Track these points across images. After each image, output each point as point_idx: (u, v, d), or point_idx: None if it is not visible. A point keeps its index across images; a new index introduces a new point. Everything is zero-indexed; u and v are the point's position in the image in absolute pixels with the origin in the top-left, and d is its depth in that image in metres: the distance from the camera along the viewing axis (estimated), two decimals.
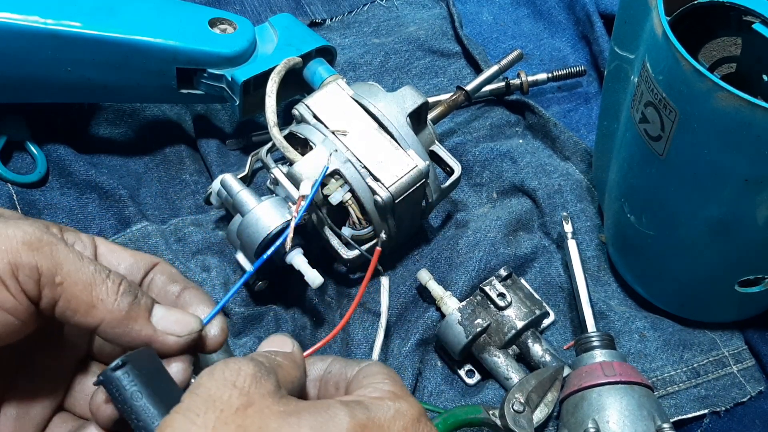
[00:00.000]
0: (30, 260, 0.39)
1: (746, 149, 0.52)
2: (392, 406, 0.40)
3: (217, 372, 0.39)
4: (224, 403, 0.37)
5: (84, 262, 0.41)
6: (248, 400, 0.38)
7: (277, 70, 0.70)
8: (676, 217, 0.61)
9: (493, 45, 0.93)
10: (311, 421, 0.38)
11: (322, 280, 0.62)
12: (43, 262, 0.40)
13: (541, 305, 0.68)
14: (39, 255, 0.40)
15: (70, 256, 0.41)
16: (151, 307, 0.44)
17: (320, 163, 0.64)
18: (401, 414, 0.40)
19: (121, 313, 0.42)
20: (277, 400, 0.38)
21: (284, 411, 0.38)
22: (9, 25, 0.66)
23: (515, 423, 0.59)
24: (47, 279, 0.40)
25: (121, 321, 0.42)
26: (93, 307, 0.41)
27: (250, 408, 0.37)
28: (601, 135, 0.73)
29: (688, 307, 0.70)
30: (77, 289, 0.41)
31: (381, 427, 0.39)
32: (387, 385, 0.42)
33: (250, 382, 0.38)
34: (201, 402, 0.37)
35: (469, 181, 0.80)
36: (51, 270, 0.40)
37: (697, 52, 0.65)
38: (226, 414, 0.37)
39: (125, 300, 0.42)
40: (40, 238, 0.40)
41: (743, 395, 0.67)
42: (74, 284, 0.41)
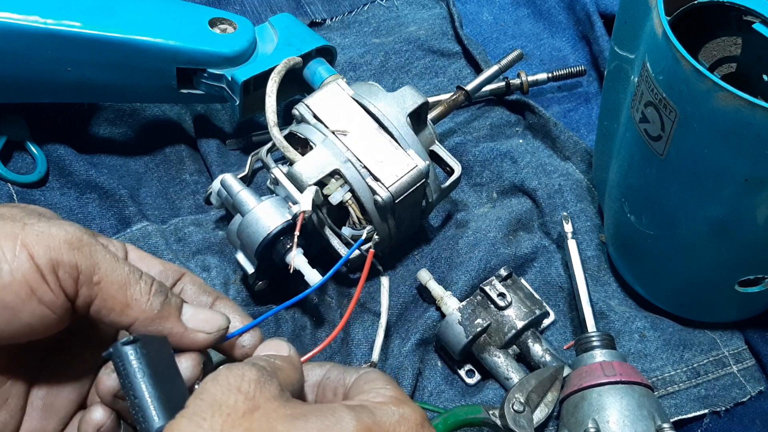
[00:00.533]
0: (71, 258, 0.41)
1: (746, 149, 0.52)
2: (396, 411, 0.40)
3: (221, 377, 0.39)
4: (230, 408, 0.38)
5: (120, 263, 0.43)
6: (254, 404, 0.38)
7: (277, 70, 0.70)
8: (676, 217, 0.61)
9: (493, 45, 0.93)
10: (318, 424, 0.38)
11: None
12: (83, 261, 0.42)
13: (541, 305, 0.68)
14: (79, 254, 0.41)
15: (108, 257, 0.43)
16: (180, 306, 0.46)
17: (320, 163, 0.64)
18: (405, 419, 0.40)
19: (154, 312, 0.44)
20: (282, 404, 0.39)
21: (291, 414, 0.38)
22: (9, 25, 0.66)
23: (515, 423, 0.59)
24: (85, 277, 0.42)
25: (153, 320, 0.44)
26: (127, 306, 0.43)
27: (257, 412, 0.38)
28: (601, 135, 0.73)
29: (688, 307, 0.70)
30: (113, 289, 0.43)
31: (385, 431, 0.39)
32: (389, 390, 0.43)
33: (254, 387, 0.39)
34: (207, 406, 0.38)
35: (469, 181, 0.80)
36: (89, 269, 0.42)
37: (697, 52, 0.65)
38: (233, 418, 0.37)
39: (157, 300, 0.44)
40: (80, 238, 0.42)
41: (743, 395, 0.67)
42: (110, 284, 0.43)
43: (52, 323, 0.42)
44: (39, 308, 0.41)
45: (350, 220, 0.67)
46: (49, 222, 0.42)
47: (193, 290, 0.50)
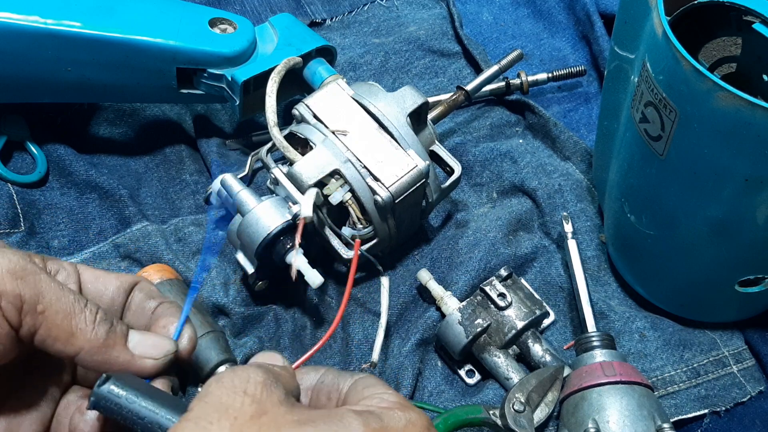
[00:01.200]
0: (13, 288, 0.41)
1: (746, 149, 0.52)
2: (403, 416, 0.40)
3: (225, 379, 0.39)
4: (237, 411, 0.37)
5: (65, 292, 0.43)
6: (261, 408, 0.37)
7: (277, 70, 0.70)
8: (676, 217, 0.61)
9: (493, 45, 0.93)
10: (326, 429, 0.37)
11: (322, 280, 0.62)
12: (26, 290, 0.41)
13: (541, 305, 0.68)
14: (22, 283, 0.41)
15: (52, 286, 0.42)
16: (126, 333, 0.46)
17: (320, 163, 0.64)
18: (412, 424, 0.40)
19: (99, 341, 0.44)
20: (289, 409, 0.38)
21: (298, 420, 0.37)
22: (9, 25, 0.66)
23: (516, 423, 0.59)
24: (29, 307, 0.41)
25: (99, 348, 0.44)
26: (72, 335, 0.43)
27: (265, 416, 0.37)
28: (601, 135, 0.73)
29: (688, 307, 0.70)
30: (58, 318, 0.42)
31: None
32: (392, 396, 0.42)
33: (261, 390, 0.38)
34: (212, 409, 0.37)
35: (469, 181, 0.80)
36: (33, 298, 0.41)
37: (697, 52, 0.65)
38: (240, 422, 0.36)
39: (102, 328, 0.44)
40: (24, 267, 0.42)
41: (743, 395, 0.67)
42: (55, 313, 0.42)
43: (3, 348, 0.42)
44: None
45: (350, 220, 0.67)
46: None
47: (140, 297, 0.50)
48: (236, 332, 0.68)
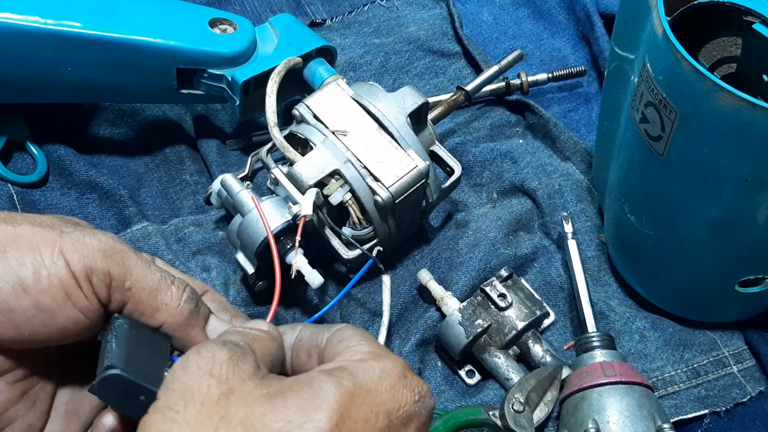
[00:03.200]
0: (104, 266, 0.43)
1: (746, 149, 0.52)
2: (377, 367, 0.39)
3: (191, 362, 0.38)
4: (204, 395, 0.36)
5: (151, 270, 0.45)
6: (228, 387, 0.37)
7: (277, 70, 0.70)
8: (676, 217, 0.61)
9: (494, 45, 0.93)
10: (297, 399, 0.37)
11: (322, 280, 0.62)
12: (116, 268, 0.43)
13: (541, 306, 0.68)
14: (112, 261, 0.43)
15: (139, 264, 0.44)
16: (208, 317, 0.47)
17: (320, 163, 0.64)
18: (387, 373, 0.39)
19: (183, 317, 0.45)
20: (258, 383, 0.38)
21: (267, 393, 0.37)
22: (9, 25, 0.66)
23: (516, 423, 0.59)
24: (118, 283, 0.43)
25: (180, 325, 0.45)
26: (157, 310, 0.45)
27: (232, 396, 0.37)
28: (602, 135, 0.73)
29: (688, 307, 0.70)
30: (144, 294, 0.44)
31: (369, 392, 0.38)
32: (365, 345, 0.42)
33: (227, 368, 0.38)
34: (178, 397, 0.37)
35: (469, 181, 0.80)
36: (122, 275, 0.43)
37: (697, 52, 0.65)
38: (208, 406, 0.36)
39: (187, 306, 0.46)
40: (113, 246, 0.44)
41: (743, 395, 0.67)
42: (142, 289, 0.44)
43: (86, 327, 0.44)
44: (74, 312, 0.42)
45: (350, 220, 0.67)
46: (84, 231, 0.44)
47: (213, 307, 0.51)
48: None
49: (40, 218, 0.44)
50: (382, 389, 0.39)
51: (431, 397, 0.41)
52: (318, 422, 0.36)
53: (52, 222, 0.44)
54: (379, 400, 0.38)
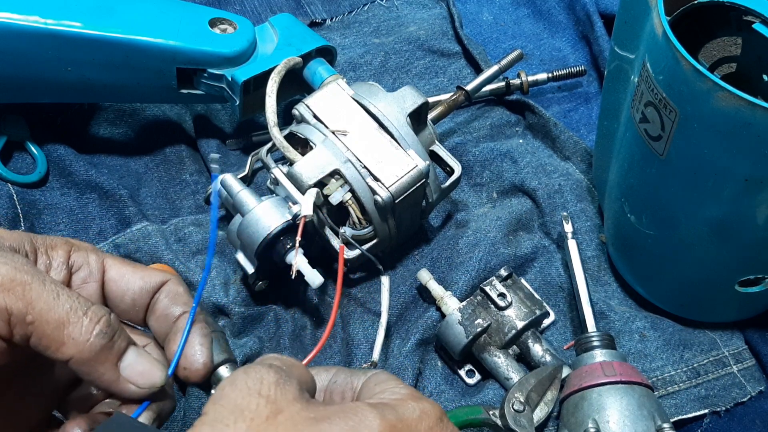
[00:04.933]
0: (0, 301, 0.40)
1: (746, 149, 0.52)
2: (417, 407, 0.40)
3: (239, 381, 0.38)
4: (253, 412, 0.37)
5: (59, 300, 0.42)
6: (276, 407, 0.37)
7: (277, 70, 0.70)
8: (676, 217, 0.61)
9: (493, 45, 0.93)
10: (342, 425, 0.37)
11: (322, 280, 0.62)
12: (14, 302, 0.41)
13: (541, 305, 0.68)
14: (9, 296, 0.41)
15: (44, 296, 0.42)
16: (123, 351, 0.45)
17: (320, 163, 0.64)
18: (426, 414, 0.40)
19: (91, 354, 0.43)
20: (305, 406, 0.38)
21: (314, 417, 0.38)
22: (9, 25, 0.66)
23: (516, 422, 0.59)
24: (18, 318, 0.41)
25: (88, 361, 0.43)
26: (63, 344, 0.42)
27: (280, 415, 0.37)
28: (601, 135, 0.73)
29: (688, 307, 0.70)
30: (49, 328, 0.42)
31: (410, 427, 0.39)
32: (404, 388, 0.42)
33: (275, 390, 0.38)
34: (228, 412, 0.37)
35: (469, 181, 0.80)
36: (21, 310, 0.41)
37: (697, 52, 0.65)
38: (257, 423, 0.36)
39: (98, 341, 0.43)
40: (12, 278, 0.41)
41: (743, 395, 0.67)
42: (46, 323, 0.41)
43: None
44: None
45: (350, 220, 0.67)
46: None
47: (164, 303, 0.49)
48: (236, 332, 0.68)
49: None
50: (422, 428, 0.40)
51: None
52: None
53: None
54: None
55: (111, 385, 0.44)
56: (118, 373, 0.44)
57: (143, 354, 0.46)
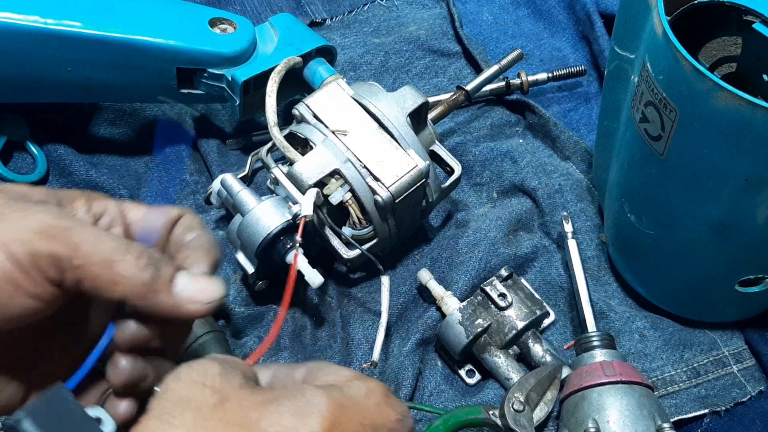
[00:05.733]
0: (46, 248, 0.41)
1: (746, 149, 0.52)
2: (362, 386, 0.41)
3: (183, 374, 0.39)
4: (199, 402, 0.37)
5: (102, 240, 0.42)
6: (222, 395, 0.38)
7: (277, 69, 0.70)
8: (677, 216, 0.61)
9: (494, 45, 0.93)
10: (291, 406, 0.38)
11: (322, 280, 0.62)
12: (60, 248, 0.41)
13: (541, 305, 0.68)
14: (54, 242, 0.41)
15: (87, 238, 0.42)
16: (172, 277, 0.45)
17: (320, 162, 0.64)
18: (372, 391, 0.41)
19: (144, 286, 0.43)
20: (251, 392, 0.39)
21: (262, 400, 0.38)
22: (9, 25, 0.66)
23: (516, 422, 0.59)
24: (66, 263, 0.41)
25: (144, 294, 0.43)
26: (115, 284, 0.42)
27: (227, 402, 0.37)
28: (602, 135, 0.73)
29: (688, 307, 0.70)
30: (97, 268, 0.42)
31: (357, 405, 0.39)
32: (347, 371, 0.43)
33: (219, 380, 0.38)
34: (173, 405, 0.37)
35: (469, 180, 0.80)
36: (68, 254, 0.41)
37: (697, 51, 0.65)
38: (204, 412, 0.37)
39: (146, 273, 0.43)
40: (53, 224, 0.41)
41: (743, 395, 0.67)
42: (93, 264, 0.42)
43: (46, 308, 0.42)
44: (28, 301, 0.41)
45: (350, 220, 0.67)
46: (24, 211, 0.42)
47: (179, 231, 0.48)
48: (236, 332, 0.68)
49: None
50: (370, 405, 0.40)
51: (411, 418, 0.43)
52: (311, 427, 0.37)
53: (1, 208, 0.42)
54: (367, 414, 0.40)
55: (174, 311, 0.44)
56: (176, 299, 0.44)
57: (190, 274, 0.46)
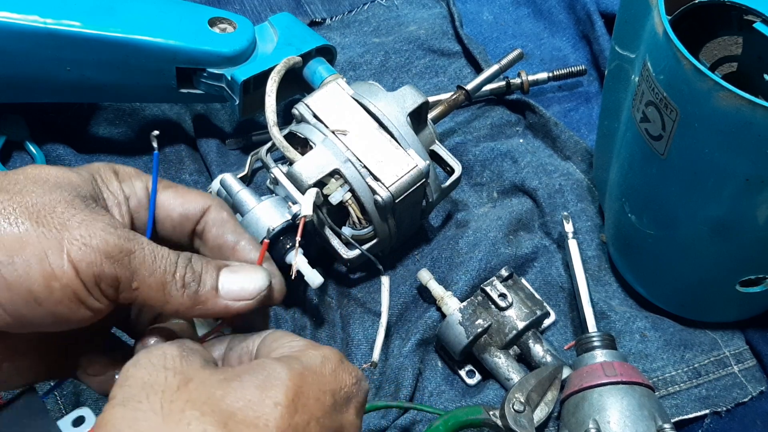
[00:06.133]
0: (111, 271, 0.42)
1: (747, 149, 0.52)
2: (318, 354, 0.42)
3: (142, 360, 0.40)
4: (163, 385, 0.38)
5: (156, 264, 0.44)
6: (185, 377, 0.38)
7: (277, 69, 0.70)
8: (677, 216, 0.61)
9: (494, 44, 0.93)
10: (253, 380, 0.39)
11: (322, 280, 0.62)
12: (122, 272, 0.43)
13: (542, 305, 0.68)
14: (118, 265, 0.43)
15: (146, 262, 0.44)
16: (216, 282, 0.46)
17: (320, 162, 0.64)
18: (327, 359, 0.42)
19: (190, 302, 0.45)
20: (213, 371, 0.40)
21: (224, 378, 0.39)
22: (9, 25, 0.66)
23: (516, 423, 0.59)
24: (125, 285, 0.43)
25: (192, 308, 0.46)
26: (166, 303, 0.45)
27: (191, 383, 0.38)
28: (602, 134, 0.73)
29: (689, 307, 0.70)
30: (151, 291, 0.44)
31: (316, 373, 0.41)
32: (301, 341, 0.44)
33: (180, 361, 0.39)
34: (137, 390, 0.38)
35: (469, 180, 0.79)
36: (128, 277, 0.43)
37: (697, 51, 0.65)
38: (169, 394, 0.37)
39: (191, 290, 0.45)
40: (120, 247, 0.43)
41: (744, 395, 0.67)
42: (149, 287, 0.44)
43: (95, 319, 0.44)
44: (86, 313, 0.43)
45: (350, 220, 0.66)
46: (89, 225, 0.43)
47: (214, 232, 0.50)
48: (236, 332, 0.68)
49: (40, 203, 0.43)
50: (326, 372, 0.42)
51: (366, 380, 0.45)
52: (276, 398, 0.38)
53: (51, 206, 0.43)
54: (325, 381, 0.41)
55: (224, 313, 0.46)
56: (224, 301, 0.46)
57: (232, 270, 0.47)
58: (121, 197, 0.48)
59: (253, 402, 0.38)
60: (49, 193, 0.43)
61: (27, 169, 0.45)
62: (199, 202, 0.50)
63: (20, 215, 0.42)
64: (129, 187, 0.49)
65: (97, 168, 0.49)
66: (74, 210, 0.43)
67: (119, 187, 0.48)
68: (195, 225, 0.50)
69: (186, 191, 0.50)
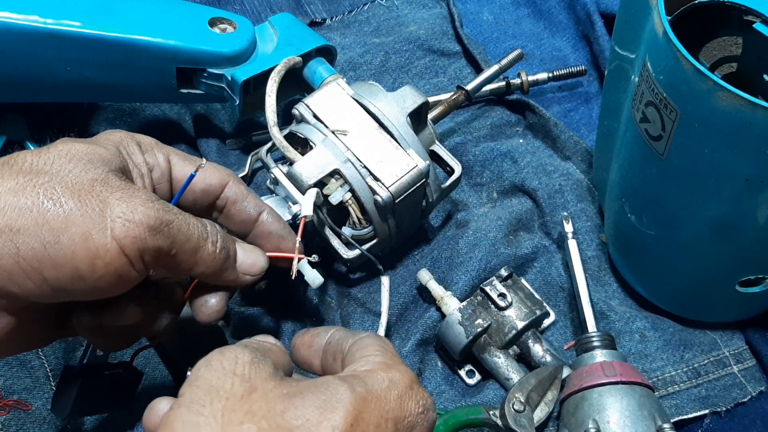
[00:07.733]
0: (154, 243, 0.45)
1: (747, 149, 0.52)
2: (386, 377, 0.42)
3: (214, 362, 0.40)
4: (228, 392, 0.38)
5: (191, 230, 0.48)
6: (251, 386, 0.39)
7: (277, 69, 0.70)
8: (677, 216, 0.61)
9: (494, 44, 0.93)
10: (314, 399, 0.39)
11: (322, 280, 0.62)
12: (164, 241, 0.46)
13: (541, 305, 0.68)
14: (161, 236, 0.46)
15: (183, 229, 0.47)
16: (236, 255, 0.53)
17: (320, 162, 0.64)
18: (395, 383, 0.42)
19: (217, 267, 0.51)
20: (279, 383, 0.40)
21: (288, 393, 0.39)
22: (9, 25, 0.66)
23: (516, 422, 0.59)
24: (165, 254, 0.47)
25: (215, 273, 0.51)
26: (195, 265, 0.49)
27: (255, 393, 0.38)
28: (602, 135, 0.73)
29: (688, 307, 0.70)
30: (186, 255, 0.48)
31: (379, 398, 0.40)
32: (378, 356, 0.44)
33: (249, 368, 0.40)
34: (203, 393, 0.38)
35: (469, 180, 0.79)
36: (168, 246, 0.47)
37: (697, 51, 0.65)
38: (232, 402, 0.38)
39: (221, 256, 0.50)
40: (161, 219, 0.46)
41: (744, 395, 0.67)
42: (184, 252, 0.48)
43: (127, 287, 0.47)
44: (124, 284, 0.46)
45: (350, 220, 0.66)
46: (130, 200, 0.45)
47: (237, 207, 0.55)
48: (236, 332, 0.68)
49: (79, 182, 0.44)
50: (391, 398, 0.41)
51: (434, 410, 0.44)
52: (334, 421, 0.38)
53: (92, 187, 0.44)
54: (388, 407, 0.41)
55: (234, 282, 0.53)
56: (237, 272, 0.53)
57: (245, 248, 0.54)
58: (144, 169, 0.51)
59: (312, 422, 0.38)
60: (85, 172, 0.45)
61: (58, 145, 0.47)
62: (219, 177, 0.54)
63: (62, 195, 0.43)
64: (152, 158, 0.52)
65: (120, 139, 0.51)
66: (111, 187, 0.45)
67: (143, 159, 0.51)
68: (215, 199, 0.54)
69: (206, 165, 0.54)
